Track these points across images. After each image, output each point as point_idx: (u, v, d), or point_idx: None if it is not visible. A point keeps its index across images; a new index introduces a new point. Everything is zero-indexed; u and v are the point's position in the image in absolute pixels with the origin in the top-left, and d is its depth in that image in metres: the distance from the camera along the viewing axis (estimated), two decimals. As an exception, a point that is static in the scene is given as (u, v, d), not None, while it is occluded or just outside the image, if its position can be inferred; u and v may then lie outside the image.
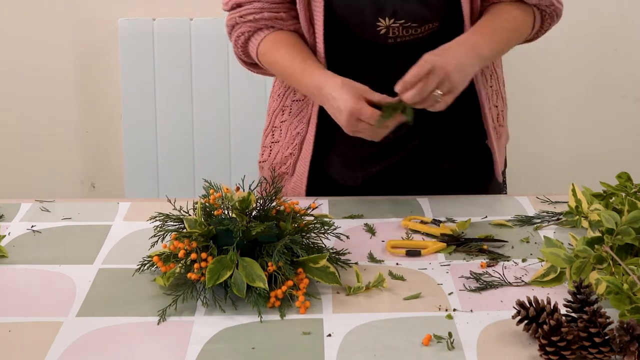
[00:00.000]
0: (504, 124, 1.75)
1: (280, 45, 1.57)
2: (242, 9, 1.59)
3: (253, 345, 1.16)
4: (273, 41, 1.58)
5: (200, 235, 1.28)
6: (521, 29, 1.59)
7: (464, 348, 1.15)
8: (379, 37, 1.55)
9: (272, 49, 1.58)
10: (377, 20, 1.53)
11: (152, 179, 2.87)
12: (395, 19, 1.53)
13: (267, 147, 1.75)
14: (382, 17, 1.53)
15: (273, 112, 1.73)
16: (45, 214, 1.57)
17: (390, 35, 1.55)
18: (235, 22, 1.61)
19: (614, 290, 1.19)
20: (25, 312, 1.24)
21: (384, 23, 1.53)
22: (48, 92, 2.91)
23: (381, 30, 1.54)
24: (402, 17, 1.53)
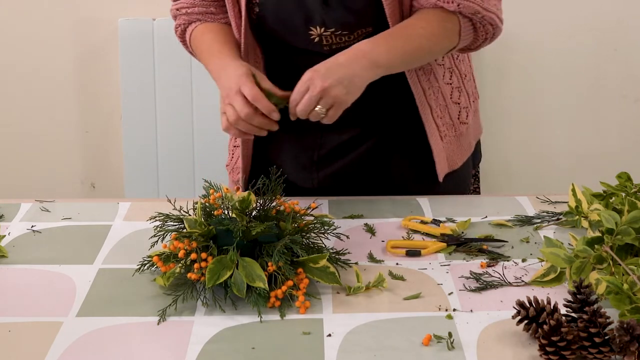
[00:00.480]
0: (468, 121, 1.71)
1: (207, 31, 1.63)
2: (178, 2, 1.68)
3: (253, 345, 1.16)
4: (202, 29, 1.64)
5: (200, 235, 1.28)
6: (439, 36, 1.51)
7: (464, 348, 1.15)
8: (313, 45, 1.55)
9: (200, 35, 1.64)
10: (308, 29, 1.53)
11: (152, 179, 2.87)
12: (325, 27, 1.52)
13: (230, 152, 1.78)
14: (313, 25, 1.52)
15: None
16: (45, 214, 1.57)
17: (325, 43, 1.54)
18: (173, 14, 1.70)
19: (614, 290, 1.19)
20: (25, 312, 1.24)
21: (315, 31, 1.53)
22: (48, 92, 2.91)
23: (314, 38, 1.54)
24: (332, 26, 1.52)
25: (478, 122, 1.79)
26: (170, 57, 2.79)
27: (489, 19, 1.52)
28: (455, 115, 1.68)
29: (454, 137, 1.68)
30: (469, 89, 1.73)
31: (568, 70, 2.92)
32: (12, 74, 2.90)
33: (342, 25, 1.52)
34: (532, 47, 2.91)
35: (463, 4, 1.49)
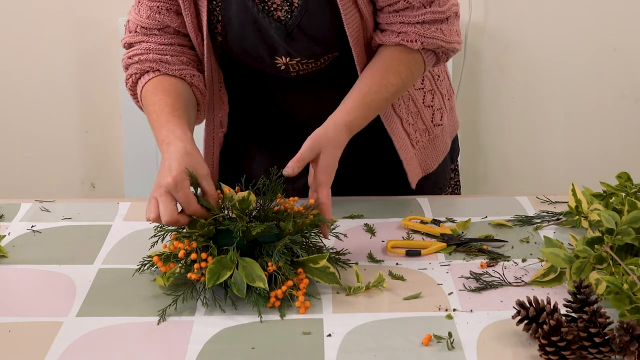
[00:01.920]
0: (443, 121, 1.70)
1: (159, 90, 1.51)
2: (131, 50, 1.56)
3: (253, 345, 1.16)
4: (155, 86, 1.52)
5: (200, 235, 1.28)
6: (408, 79, 1.51)
7: (464, 348, 1.15)
8: (280, 72, 1.55)
9: (151, 94, 1.51)
10: (274, 59, 1.53)
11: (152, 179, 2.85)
12: (290, 57, 1.51)
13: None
14: (278, 56, 1.52)
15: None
16: (45, 214, 1.57)
17: (292, 70, 1.54)
18: (125, 63, 1.57)
19: (614, 290, 1.19)
20: (25, 312, 1.24)
21: (281, 61, 1.52)
22: (48, 92, 2.92)
23: (280, 66, 1.53)
24: (297, 56, 1.51)
25: (454, 119, 1.78)
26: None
27: (452, 49, 1.52)
28: (428, 119, 1.67)
29: (427, 142, 1.68)
30: (443, 89, 1.71)
31: (568, 70, 2.93)
32: (12, 74, 2.90)
33: (307, 55, 1.52)
34: (532, 47, 2.92)
35: (427, 42, 1.48)
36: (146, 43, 1.54)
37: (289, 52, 1.51)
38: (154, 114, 1.47)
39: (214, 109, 1.64)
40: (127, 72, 1.57)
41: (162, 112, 1.46)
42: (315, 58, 1.53)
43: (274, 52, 1.52)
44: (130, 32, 1.57)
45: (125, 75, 1.58)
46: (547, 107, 2.95)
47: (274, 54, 1.52)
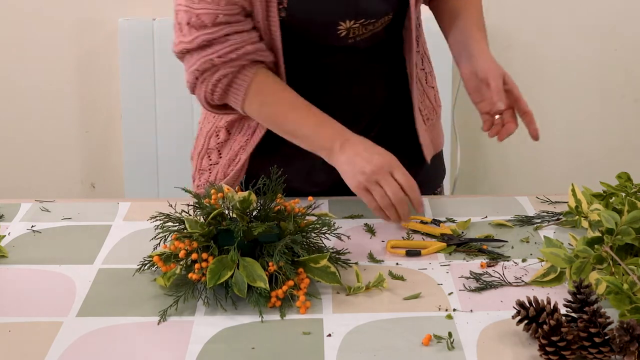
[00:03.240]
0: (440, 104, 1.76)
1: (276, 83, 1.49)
2: (219, 48, 1.45)
3: (253, 345, 1.16)
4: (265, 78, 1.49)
5: (201, 235, 1.28)
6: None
7: (464, 348, 1.15)
8: (338, 40, 1.53)
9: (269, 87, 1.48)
10: (337, 24, 1.51)
11: (152, 179, 2.87)
12: (355, 20, 1.51)
13: (206, 170, 1.69)
14: (343, 20, 1.50)
15: (207, 134, 1.69)
16: (45, 214, 1.57)
17: (351, 36, 1.54)
18: (211, 64, 1.46)
19: (614, 290, 1.19)
20: (25, 312, 1.24)
21: (344, 25, 1.51)
22: (48, 92, 2.91)
23: (341, 33, 1.52)
24: (363, 17, 1.51)
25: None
26: (170, 57, 2.77)
27: None
28: (432, 99, 1.71)
29: (435, 121, 1.72)
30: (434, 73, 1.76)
31: (568, 71, 2.92)
32: (12, 74, 2.90)
33: (373, 15, 1.52)
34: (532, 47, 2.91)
35: None
36: (237, 35, 1.45)
37: (357, 12, 1.50)
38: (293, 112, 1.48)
39: None
40: (211, 76, 1.48)
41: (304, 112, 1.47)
42: (377, 17, 1.52)
43: (342, 16, 1.50)
44: (204, 26, 1.44)
45: (209, 80, 1.48)
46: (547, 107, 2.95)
47: (339, 18, 1.50)
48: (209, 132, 1.69)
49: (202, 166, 1.70)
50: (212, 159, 1.68)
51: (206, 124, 1.71)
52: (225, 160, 1.65)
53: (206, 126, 1.70)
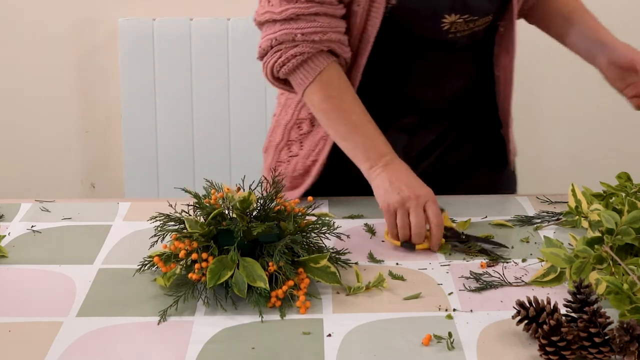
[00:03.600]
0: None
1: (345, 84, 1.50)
2: (304, 25, 1.45)
3: (253, 345, 1.16)
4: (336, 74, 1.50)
5: (201, 235, 1.28)
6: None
7: (464, 348, 1.15)
8: (439, 34, 1.55)
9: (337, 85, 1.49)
10: (442, 17, 1.52)
11: (152, 179, 2.87)
12: (460, 14, 1.53)
13: (284, 162, 1.69)
14: (449, 14, 1.52)
15: (286, 126, 1.67)
16: (45, 214, 1.57)
17: (452, 31, 1.55)
18: (292, 38, 1.46)
19: (614, 290, 1.19)
20: (25, 312, 1.24)
21: (448, 19, 1.53)
22: (48, 92, 2.92)
23: (445, 26, 1.54)
24: (467, 12, 1.53)
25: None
26: (170, 57, 2.79)
27: None
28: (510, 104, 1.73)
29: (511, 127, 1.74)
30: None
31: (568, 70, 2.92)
32: (12, 74, 2.90)
33: (477, 11, 1.54)
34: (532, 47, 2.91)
35: None
36: (326, 18, 1.46)
37: (463, 6, 1.52)
38: (354, 115, 1.48)
39: None
40: (287, 49, 1.47)
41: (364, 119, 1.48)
42: (480, 15, 1.55)
43: (447, 7, 1.51)
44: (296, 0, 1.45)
45: (284, 52, 1.47)
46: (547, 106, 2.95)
47: (446, 11, 1.52)
48: (289, 124, 1.67)
49: (281, 158, 1.69)
50: (293, 150, 1.67)
51: (284, 116, 1.69)
52: (305, 152, 1.65)
53: (284, 118, 1.68)
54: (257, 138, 2.86)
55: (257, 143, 2.87)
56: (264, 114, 2.84)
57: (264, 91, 2.82)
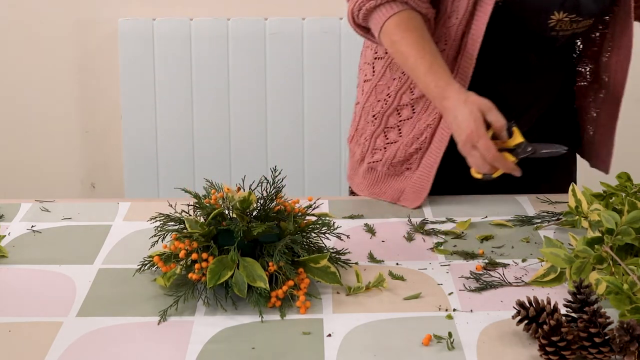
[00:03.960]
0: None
1: (412, 29, 1.52)
2: None
3: (253, 345, 1.16)
4: (405, 21, 1.52)
5: (201, 235, 1.28)
6: None
7: (464, 348, 1.15)
8: (546, 30, 1.57)
9: (399, 31, 1.51)
10: (550, 14, 1.55)
11: (152, 179, 2.87)
12: (568, 13, 1.55)
13: (380, 149, 1.69)
14: (558, 11, 1.54)
15: (382, 114, 1.67)
16: (45, 214, 1.57)
17: (557, 28, 1.57)
18: None
19: (614, 290, 1.19)
20: (25, 312, 1.24)
21: (556, 17, 1.55)
22: (48, 92, 2.92)
23: (551, 23, 1.56)
24: (575, 12, 1.55)
25: None
26: (170, 57, 2.79)
27: None
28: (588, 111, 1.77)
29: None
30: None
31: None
32: (12, 74, 2.90)
33: (583, 12, 1.56)
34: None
35: None
36: None
37: (573, 5, 1.54)
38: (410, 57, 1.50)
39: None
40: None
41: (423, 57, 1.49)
42: (585, 17, 1.57)
43: (557, 5, 1.53)
44: None
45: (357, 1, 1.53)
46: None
47: (555, 9, 1.54)
48: (386, 112, 1.67)
49: (377, 145, 1.69)
50: (390, 137, 1.67)
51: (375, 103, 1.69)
52: (408, 139, 1.65)
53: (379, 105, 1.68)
54: (257, 138, 2.87)
55: (257, 143, 2.89)
56: (264, 113, 2.85)
57: (264, 91, 2.82)
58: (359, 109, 1.74)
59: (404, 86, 1.63)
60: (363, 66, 1.74)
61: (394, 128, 1.66)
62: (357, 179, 1.75)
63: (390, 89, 1.65)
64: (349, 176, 1.79)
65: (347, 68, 2.81)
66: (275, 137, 2.86)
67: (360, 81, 1.74)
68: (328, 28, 2.79)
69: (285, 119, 2.85)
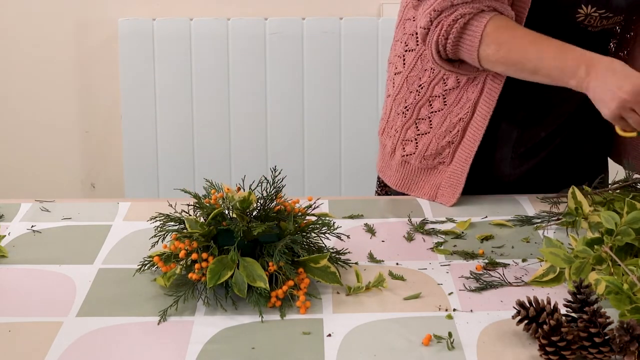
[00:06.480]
0: None
1: (511, 26, 1.46)
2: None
3: (253, 345, 1.16)
4: (505, 21, 1.46)
5: (201, 235, 1.28)
6: None
7: (464, 348, 1.15)
8: (573, 24, 1.55)
9: (507, 28, 1.46)
10: (579, 7, 1.53)
11: (152, 179, 2.87)
12: (597, 8, 1.53)
13: (411, 140, 1.68)
14: (587, 5, 1.52)
15: (414, 105, 1.66)
16: (45, 214, 1.57)
17: (586, 23, 1.55)
18: (450, 4, 1.46)
19: (613, 290, 1.19)
20: (25, 312, 1.24)
21: (584, 11, 1.53)
22: (48, 92, 2.92)
23: (579, 17, 1.54)
24: (604, 7, 1.53)
25: None
26: (170, 57, 2.79)
27: None
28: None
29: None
30: None
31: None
32: (12, 74, 2.90)
33: (613, 8, 1.53)
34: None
35: None
36: None
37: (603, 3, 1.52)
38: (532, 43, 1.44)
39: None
40: (448, 16, 1.46)
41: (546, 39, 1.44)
42: (615, 14, 1.54)
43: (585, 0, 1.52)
44: None
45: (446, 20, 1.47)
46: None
47: (582, 2, 1.52)
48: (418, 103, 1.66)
49: (407, 136, 1.68)
50: (421, 128, 1.67)
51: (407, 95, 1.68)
52: (440, 131, 1.64)
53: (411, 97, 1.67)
54: (257, 138, 2.87)
55: (257, 143, 2.89)
56: (264, 113, 2.85)
57: (264, 91, 2.82)
58: (389, 101, 1.73)
59: (436, 77, 1.62)
60: (393, 59, 1.72)
61: (425, 119, 1.66)
62: (389, 172, 1.74)
63: (422, 80, 1.64)
64: (379, 169, 1.78)
65: (347, 68, 2.81)
66: (275, 137, 2.86)
67: (391, 74, 1.73)
68: (328, 28, 2.79)
69: (285, 119, 2.85)
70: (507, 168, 1.68)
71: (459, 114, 1.61)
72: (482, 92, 1.58)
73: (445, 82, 1.62)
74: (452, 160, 1.64)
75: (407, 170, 1.70)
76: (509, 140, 1.65)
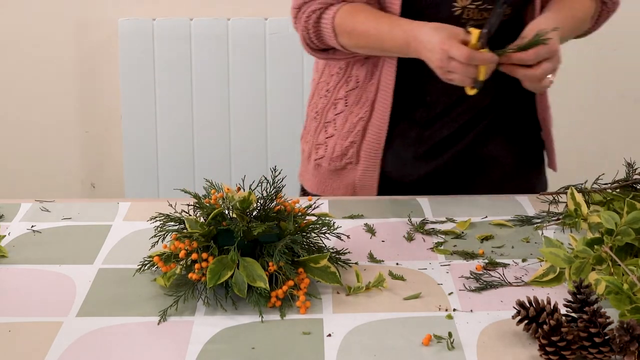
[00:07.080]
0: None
1: (358, 11, 1.53)
2: None
3: (253, 345, 1.16)
4: (349, 10, 1.53)
5: (201, 235, 1.28)
6: (586, 21, 1.63)
7: (464, 348, 1.15)
8: (452, 19, 1.54)
9: (350, 16, 1.53)
10: (453, 1, 1.53)
11: (152, 179, 2.87)
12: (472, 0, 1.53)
13: (322, 144, 1.72)
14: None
15: (322, 110, 1.71)
16: (45, 214, 1.57)
17: (464, 17, 1.55)
18: (303, 1, 1.56)
19: (613, 290, 1.19)
20: (25, 312, 1.24)
21: (460, 3, 1.53)
22: (48, 92, 2.92)
23: (456, 11, 1.54)
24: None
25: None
26: (170, 57, 2.79)
27: (615, 7, 1.66)
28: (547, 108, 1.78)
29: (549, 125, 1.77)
30: None
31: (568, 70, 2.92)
32: (12, 74, 2.91)
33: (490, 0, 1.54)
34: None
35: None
36: None
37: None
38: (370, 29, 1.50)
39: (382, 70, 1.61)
40: (303, 14, 1.55)
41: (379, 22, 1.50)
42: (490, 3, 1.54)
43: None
44: None
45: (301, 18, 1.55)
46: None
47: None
48: (326, 107, 1.70)
49: (319, 140, 1.73)
50: (329, 131, 1.70)
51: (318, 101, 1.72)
52: (343, 132, 1.67)
53: (319, 103, 1.72)
54: (257, 138, 2.87)
55: (257, 143, 2.89)
56: (264, 113, 2.85)
57: (264, 91, 2.82)
58: (309, 110, 1.78)
59: (341, 80, 1.65)
60: (313, 67, 1.77)
61: (331, 122, 1.70)
62: (307, 176, 1.78)
63: (329, 84, 1.69)
64: (299, 173, 1.82)
65: (347, 68, 2.81)
66: (275, 137, 2.86)
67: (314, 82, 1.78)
68: (328, 28, 2.79)
69: (285, 119, 2.85)
70: (408, 168, 1.69)
71: (359, 114, 1.64)
72: (378, 90, 1.60)
73: (347, 84, 1.65)
74: (358, 160, 1.66)
75: (320, 174, 1.74)
76: (408, 139, 1.65)
